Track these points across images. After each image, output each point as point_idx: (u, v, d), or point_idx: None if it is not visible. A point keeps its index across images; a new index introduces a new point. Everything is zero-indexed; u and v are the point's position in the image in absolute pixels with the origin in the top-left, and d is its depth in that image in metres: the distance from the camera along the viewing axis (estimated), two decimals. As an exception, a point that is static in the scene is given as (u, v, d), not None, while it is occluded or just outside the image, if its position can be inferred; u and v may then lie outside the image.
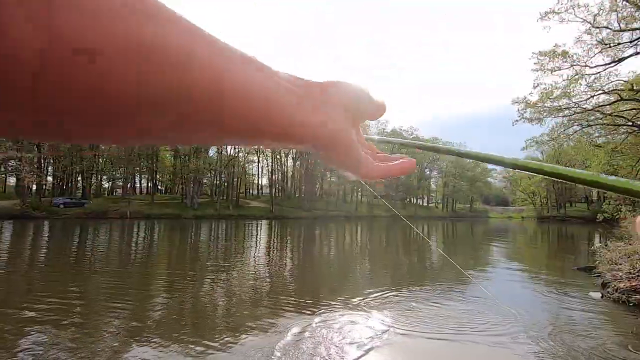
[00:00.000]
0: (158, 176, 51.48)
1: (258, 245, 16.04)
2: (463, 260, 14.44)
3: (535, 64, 23.11)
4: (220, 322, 5.31)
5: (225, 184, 47.16)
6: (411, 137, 66.00)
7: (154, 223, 28.04)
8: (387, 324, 5.11)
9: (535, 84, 22.99)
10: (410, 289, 7.50)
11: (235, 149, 47.01)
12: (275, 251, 14.21)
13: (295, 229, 26.79)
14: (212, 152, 48.48)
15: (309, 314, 5.56)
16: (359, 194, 64.68)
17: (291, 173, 57.80)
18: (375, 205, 64.49)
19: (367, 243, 18.42)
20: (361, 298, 6.53)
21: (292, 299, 6.52)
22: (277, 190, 55.19)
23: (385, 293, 6.95)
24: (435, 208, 76.19)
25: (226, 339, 4.54)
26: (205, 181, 51.34)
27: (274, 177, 53.11)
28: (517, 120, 23.43)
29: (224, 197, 45.80)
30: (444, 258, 14.65)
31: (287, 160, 57.02)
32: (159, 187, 56.14)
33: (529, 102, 23.01)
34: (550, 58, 22.43)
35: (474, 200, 77.83)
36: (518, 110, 23.34)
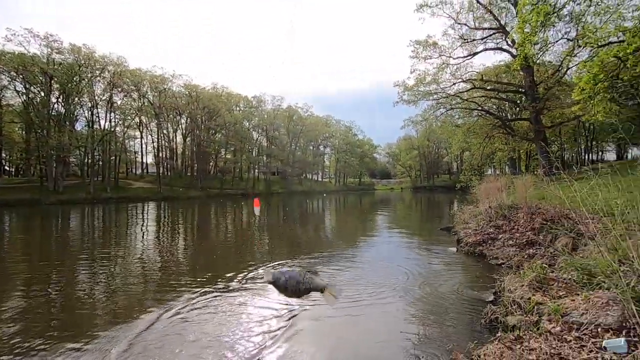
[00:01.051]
0: (4, 154, 41.47)
1: (141, 228, 14.54)
2: (354, 227, 15.92)
3: (412, 51, 25.92)
4: (92, 313, 4.71)
5: (100, 162, 40.83)
6: (306, 113, 67.50)
7: (3, 211, 22.71)
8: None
9: (412, 70, 25.92)
10: (308, 259, 7.86)
11: (111, 122, 40.79)
12: (162, 233, 13.11)
13: (188, 210, 25.12)
14: (80, 126, 41.13)
15: (203, 294, 5.37)
16: (256, 171, 64.00)
17: (181, 150, 53.35)
18: (273, 181, 64.91)
19: (265, 219, 18.48)
20: (256, 272, 6.59)
21: (186, 279, 6.18)
22: (165, 169, 50.44)
23: (283, 265, 7.15)
24: (329, 183, 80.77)
25: (95, 330, 4.07)
26: (73, 160, 43.52)
27: (161, 154, 48.24)
28: (397, 102, 26.23)
29: (99, 178, 39.74)
30: (340, 227, 15.88)
31: (175, 136, 52.28)
32: (7, 167, 45.43)
33: (407, 85, 25.90)
34: (423, 47, 25.43)
35: (362, 174, 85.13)
36: (398, 92, 26.10)
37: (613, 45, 14.76)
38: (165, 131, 50.07)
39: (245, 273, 6.64)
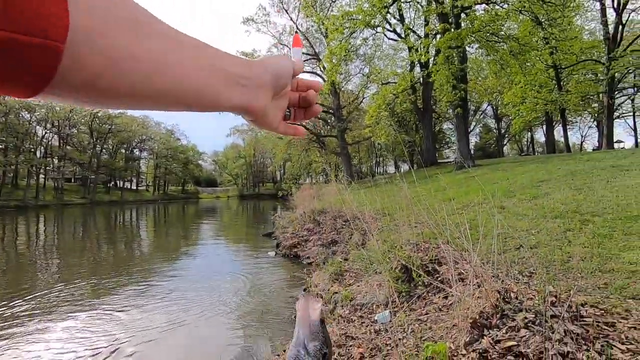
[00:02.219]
0: None
1: None
2: (175, 240, 14.59)
3: (239, 61, 26.48)
4: None
5: None
6: (116, 111, 57.85)
7: None
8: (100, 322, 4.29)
9: (239, 80, 26.39)
10: (115, 279, 6.66)
11: None
12: None
13: None
14: None
15: None
16: (43, 176, 50.08)
17: None
18: (69, 190, 52.29)
19: (54, 238, 14.63)
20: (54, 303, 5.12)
21: None
22: None
23: (87, 288, 5.81)
24: (146, 191, 71.70)
25: None
26: None
27: None
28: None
29: None
30: (153, 243, 14.17)
31: None
32: None
33: (233, 94, 26.10)
34: (250, 59, 26.36)
35: (186, 182, 79.67)
36: (225, 100, 25.97)
37: (391, 84, 19.38)
38: None
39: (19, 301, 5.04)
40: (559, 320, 1.91)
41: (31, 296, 5.82)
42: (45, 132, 50.48)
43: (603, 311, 2.11)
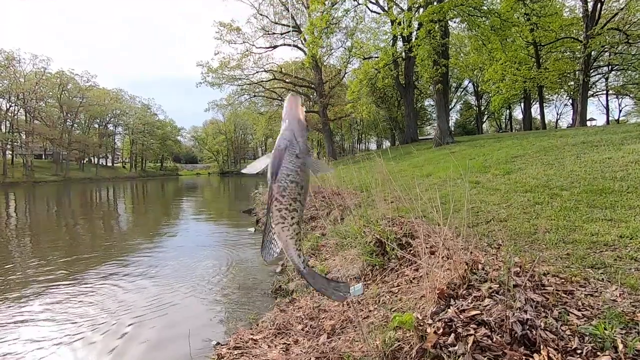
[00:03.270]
0: None
1: None
2: (154, 217, 14.30)
3: (216, 32, 25.30)
4: None
5: None
6: (87, 83, 55.06)
7: None
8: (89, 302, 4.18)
9: (216, 52, 25.38)
10: (92, 258, 6.49)
11: None
12: None
13: None
14: None
15: None
16: (10, 152, 47.66)
17: None
18: (39, 167, 50.12)
19: (25, 216, 14.10)
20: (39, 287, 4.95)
21: None
22: None
23: (76, 269, 5.64)
24: (123, 168, 69.60)
25: None
26: None
27: None
28: (200, 83, 25.14)
29: None
30: (131, 221, 13.86)
31: None
32: None
33: (211, 67, 25.17)
34: (228, 30, 25.25)
35: (164, 158, 77.69)
36: (202, 73, 25.04)
37: (373, 59, 19.07)
38: None
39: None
40: (520, 290, 1.97)
41: (0, 278, 5.61)
42: (10, 106, 47.57)
43: (563, 280, 2.19)
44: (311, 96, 32.11)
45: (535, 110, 38.26)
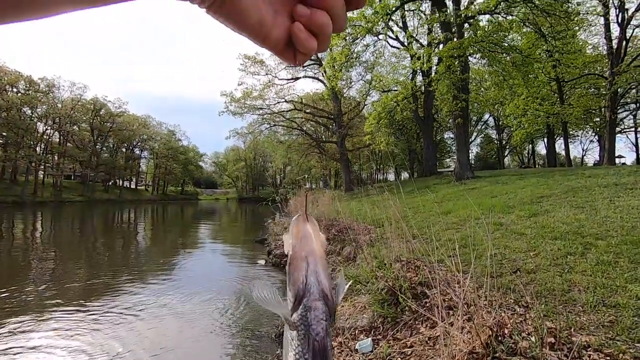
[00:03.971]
0: None
1: None
2: (171, 243, 14.38)
3: (241, 64, 26.37)
4: None
5: None
6: (118, 109, 57.98)
7: None
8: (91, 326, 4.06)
9: (240, 82, 26.32)
10: (115, 279, 6.43)
11: None
12: None
13: None
14: None
15: None
16: (43, 172, 49.90)
17: None
18: (67, 187, 52.10)
19: (49, 235, 14.44)
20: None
21: None
22: None
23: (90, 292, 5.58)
24: (145, 191, 71.49)
25: None
26: None
27: None
28: (222, 112, 25.94)
29: None
30: (148, 245, 13.93)
31: None
32: None
33: (234, 97, 26.04)
34: (252, 62, 26.29)
35: (185, 182, 79.46)
36: (225, 102, 25.89)
37: (392, 92, 19.22)
38: None
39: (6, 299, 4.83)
40: (558, 371, 1.66)
41: (18, 294, 5.64)
42: (46, 129, 50.40)
43: (609, 358, 1.86)
44: (330, 127, 32.44)
45: (559, 145, 37.23)
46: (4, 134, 42.33)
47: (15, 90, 45.43)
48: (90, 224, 20.90)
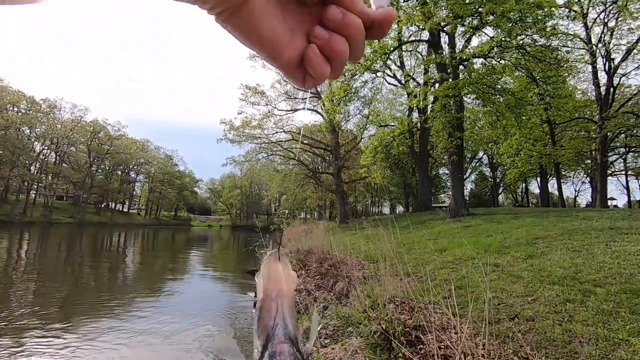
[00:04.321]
0: None
1: None
2: (159, 270, 13.96)
3: (242, 94, 26.97)
4: None
5: None
6: (118, 132, 58.38)
7: None
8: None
9: (240, 111, 26.79)
10: (94, 310, 6.13)
11: None
12: None
13: None
14: None
15: None
16: (35, 192, 49.22)
17: None
18: (58, 208, 51.22)
19: (33, 258, 13.97)
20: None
21: None
22: None
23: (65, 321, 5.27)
24: (137, 215, 70.46)
25: None
26: None
27: None
28: (221, 139, 26.18)
29: None
30: (136, 272, 13.50)
31: None
32: None
33: (233, 125, 26.39)
34: (253, 93, 26.91)
35: (179, 208, 78.63)
36: (224, 130, 26.20)
37: (389, 127, 19.60)
38: None
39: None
40: None
41: None
42: (43, 149, 50.35)
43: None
44: (327, 158, 32.73)
45: (552, 185, 37.69)
46: (0, 152, 42.17)
47: (16, 109, 45.83)
48: (78, 247, 20.34)
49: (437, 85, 15.64)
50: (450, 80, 13.65)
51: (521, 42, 13.42)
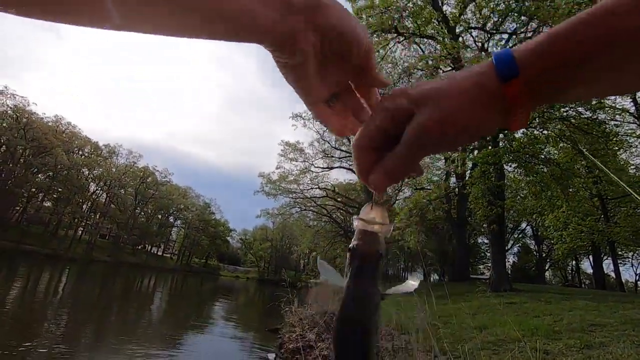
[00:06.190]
0: None
1: None
2: (183, 317, 13.90)
3: (281, 150, 28.36)
4: None
5: None
6: (164, 179, 62.31)
7: None
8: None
9: (278, 166, 27.95)
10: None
11: None
12: None
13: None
14: None
15: None
16: (81, 229, 52.39)
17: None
18: (98, 246, 53.75)
19: (70, 295, 14.51)
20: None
21: None
22: None
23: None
24: (170, 259, 71.91)
25: None
26: None
27: None
28: (258, 191, 27.10)
29: None
30: (160, 317, 13.49)
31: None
32: None
33: (270, 179, 27.43)
34: (292, 149, 28.21)
35: (210, 256, 79.43)
36: (261, 183, 27.24)
37: (425, 190, 19.35)
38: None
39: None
40: None
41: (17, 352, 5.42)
42: (97, 189, 54.58)
43: None
44: (360, 217, 32.29)
45: (607, 265, 34.12)
46: (60, 189, 46.15)
47: (80, 152, 50.94)
48: (111, 285, 20.89)
49: (475, 152, 15.52)
50: (490, 147, 13.53)
51: (565, 114, 13.24)
